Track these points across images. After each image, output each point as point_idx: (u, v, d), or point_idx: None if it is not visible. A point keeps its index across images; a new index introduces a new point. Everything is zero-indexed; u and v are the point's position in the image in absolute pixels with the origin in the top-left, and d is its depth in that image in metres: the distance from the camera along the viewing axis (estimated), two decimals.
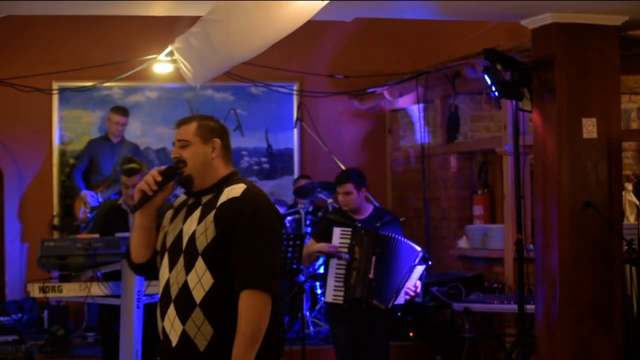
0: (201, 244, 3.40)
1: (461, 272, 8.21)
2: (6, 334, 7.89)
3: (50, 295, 5.65)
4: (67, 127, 9.37)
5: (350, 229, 6.04)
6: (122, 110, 8.82)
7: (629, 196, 7.76)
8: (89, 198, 8.54)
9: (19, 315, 8.52)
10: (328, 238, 6.10)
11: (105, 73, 8.40)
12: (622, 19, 6.12)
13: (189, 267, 3.41)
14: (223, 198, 3.45)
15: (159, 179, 3.52)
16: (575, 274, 6.06)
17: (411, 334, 7.82)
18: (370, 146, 10.00)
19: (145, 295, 5.61)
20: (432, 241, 8.54)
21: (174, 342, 3.41)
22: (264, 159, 9.80)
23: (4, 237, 9.23)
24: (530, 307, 6.26)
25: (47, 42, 9.20)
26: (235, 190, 3.46)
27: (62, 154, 9.35)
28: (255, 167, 9.78)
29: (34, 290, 5.61)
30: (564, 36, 6.09)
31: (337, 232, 6.08)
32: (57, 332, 7.58)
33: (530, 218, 7.11)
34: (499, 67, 5.96)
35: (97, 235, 5.71)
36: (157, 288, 5.70)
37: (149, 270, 3.66)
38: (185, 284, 3.40)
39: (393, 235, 6.03)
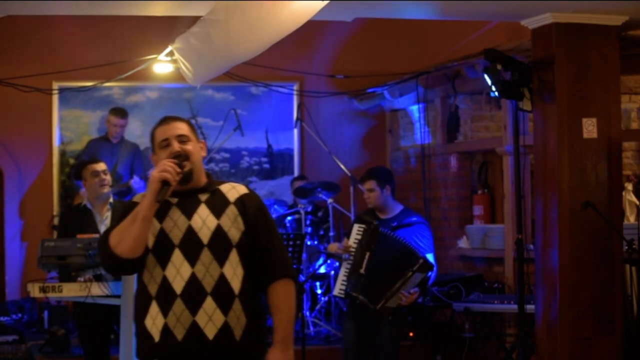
0: (234, 236, 3.48)
1: (461, 272, 8.21)
2: (6, 334, 7.89)
3: (50, 295, 5.65)
4: (67, 127, 9.38)
5: (365, 226, 6.02)
6: (121, 112, 8.81)
7: (629, 196, 7.77)
8: None
9: (19, 315, 8.52)
10: None
11: (105, 73, 8.41)
12: (622, 19, 6.12)
13: (221, 260, 3.45)
14: (233, 194, 3.57)
15: (179, 169, 3.46)
16: (575, 274, 6.05)
17: (411, 334, 7.82)
18: (370, 146, 10.01)
19: None
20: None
21: (212, 335, 3.40)
22: (264, 159, 9.80)
23: (4, 237, 9.24)
24: (530, 307, 6.25)
25: (47, 42, 9.20)
26: (238, 187, 3.61)
27: (62, 154, 9.36)
28: (256, 167, 9.78)
29: (34, 290, 5.61)
30: (564, 36, 6.08)
31: (355, 227, 6.08)
32: (57, 332, 7.58)
33: (530, 218, 7.11)
34: (499, 67, 5.96)
35: (97, 235, 5.71)
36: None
37: (137, 266, 3.51)
38: (222, 276, 3.44)
39: (391, 233, 5.97)
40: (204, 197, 3.54)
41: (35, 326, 8.51)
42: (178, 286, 3.41)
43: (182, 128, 3.60)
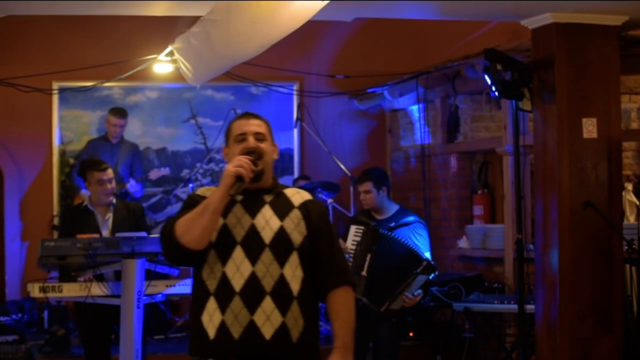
0: (296, 239, 3.48)
1: (461, 272, 8.20)
2: (6, 334, 7.89)
3: (50, 295, 5.65)
4: (67, 127, 9.38)
5: (362, 227, 6.01)
6: (120, 112, 8.80)
7: (629, 196, 7.77)
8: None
9: (19, 315, 8.52)
10: None
11: (105, 73, 8.40)
12: (622, 19, 6.12)
13: (282, 261, 3.45)
14: (297, 199, 3.58)
15: (254, 167, 3.45)
16: (575, 274, 6.05)
17: (411, 334, 7.82)
18: (370, 146, 10.01)
19: (145, 295, 5.61)
20: (432, 241, 8.51)
21: (269, 335, 3.39)
22: None
23: (4, 237, 9.23)
24: (530, 307, 6.26)
25: (47, 42, 9.20)
26: (302, 193, 3.63)
27: (62, 154, 9.36)
28: None
29: (34, 290, 5.61)
30: (564, 36, 6.08)
31: (352, 229, 6.07)
32: (57, 332, 7.59)
33: (530, 218, 7.11)
34: (499, 67, 5.96)
35: (97, 235, 5.71)
36: (157, 288, 5.78)
37: (197, 259, 3.47)
38: (282, 277, 3.44)
39: (393, 235, 5.95)
40: (268, 198, 3.54)
41: (35, 326, 8.51)
42: (237, 283, 3.40)
43: (261, 126, 3.58)
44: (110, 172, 6.05)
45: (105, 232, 5.95)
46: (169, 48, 6.61)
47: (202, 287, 3.46)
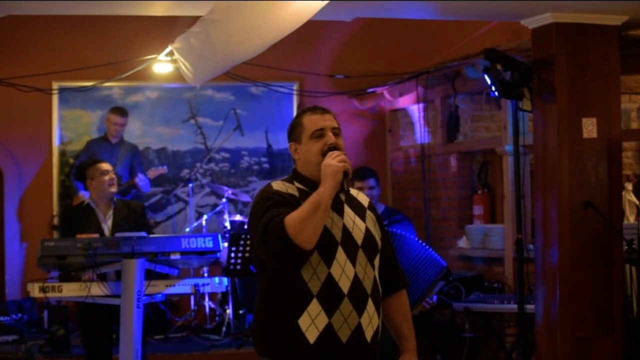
0: (377, 242, 3.48)
1: (461, 272, 8.20)
2: (6, 334, 7.89)
3: (50, 295, 5.65)
4: (67, 127, 9.37)
5: None
6: (121, 111, 8.82)
7: (629, 196, 7.76)
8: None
9: (19, 315, 8.52)
10: None
11: (105, 73, 8.41)
12: (622, 19, 6.13)
13: (372, 263, 3.43)
14: (363, 199, 3.55)
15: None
16: (575, 274, 6.06)
17: None
18: (370, 146, 10.01)
19: (145, 295, 5.61)
20: (432, 241, 8.53)
21: (369, 337, 3.38)
22: (264, 159, 9.80)
23: (4, 237, 9.23)
24: (530, 307, 6.26)
25: (47, 42, 9.20)
26: (361, 194, 3.60)
27: (62, 154, 9.35)
28: (256, 167, 9.78)
29: (34, 290, 5.61)
30: (564, 36, 6.09)
31: None
32: (57, 332, 7.58)
33: (530, 218, 7.11)
34: (499, 67, 5.97)
35: (97, 235, 5.71)
36: (157, 288, 5.78)
37: (302, 259, 3.30)
38: (375, 279, 3.42)
39: (408, 236, 5.92)
40: (342, 196, 3.45)
41: (35, 326, 8.52)
42: (344, 285, 3.31)
43: (334, 120, 3.50)
44: (110, 165, 6.17)
45: (106, 230, 5.96)
46: (169, 48, 6.62)
47: (301, 289, 3.29)
